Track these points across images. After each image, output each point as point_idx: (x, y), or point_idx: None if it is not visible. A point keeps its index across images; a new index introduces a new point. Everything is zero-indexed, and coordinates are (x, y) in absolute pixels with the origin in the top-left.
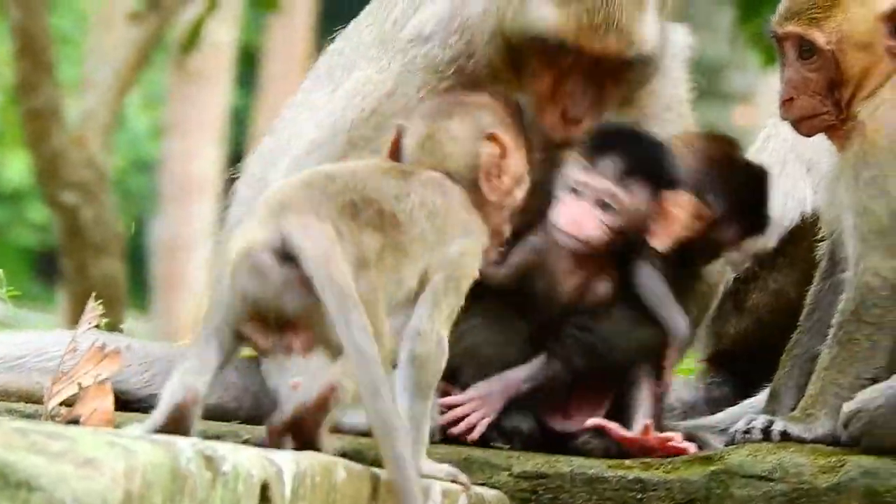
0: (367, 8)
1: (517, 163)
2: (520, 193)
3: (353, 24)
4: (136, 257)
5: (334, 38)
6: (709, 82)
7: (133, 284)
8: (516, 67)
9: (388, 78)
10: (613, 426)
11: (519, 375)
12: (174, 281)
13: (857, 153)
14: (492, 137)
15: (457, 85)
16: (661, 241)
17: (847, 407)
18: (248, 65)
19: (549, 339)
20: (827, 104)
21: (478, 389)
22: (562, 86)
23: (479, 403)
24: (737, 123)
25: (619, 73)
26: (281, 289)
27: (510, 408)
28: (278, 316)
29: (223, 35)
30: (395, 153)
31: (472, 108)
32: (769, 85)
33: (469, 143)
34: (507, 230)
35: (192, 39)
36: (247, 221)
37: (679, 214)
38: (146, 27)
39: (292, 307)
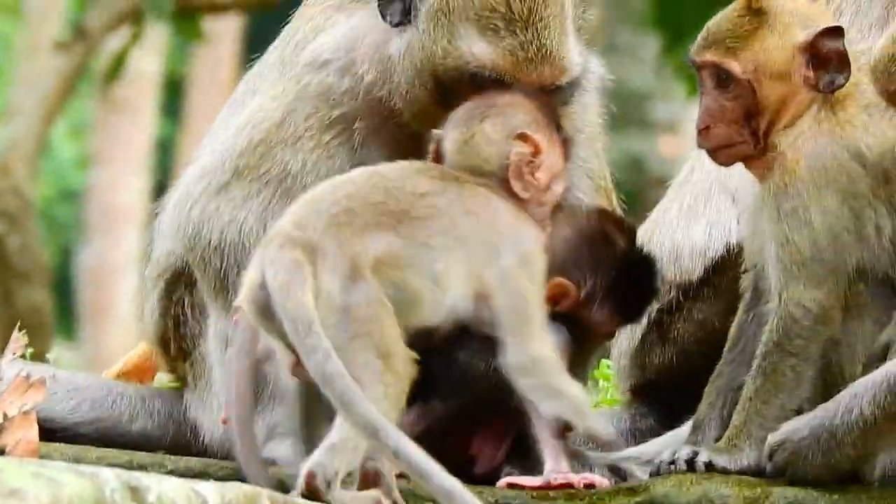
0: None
1: (551, 159)
2: (558, 188)
3: (270, 46)
4: (64, 286)
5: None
6: (634, 111)
7: (61, 313)
8: (444, 103)
9: (279, 106)
10: (524, 481)
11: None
12: (101, 309)
13: (778, 184)
14: (522, 136)
15: (349, 112)
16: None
17: (772, 438)
18: (174, 94)
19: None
20: (744, 134)
21: None
22: None
23: None
24: (662, 153)
25: (548, 97)
26: (276, 322)
27: None
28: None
29: (148, 65)
30: (438, 161)
31: (502, 109)
32: (694, 115)
33: (502, 144)
34: (547, 227)
35: (116, 69)
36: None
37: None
38: (72, 56)
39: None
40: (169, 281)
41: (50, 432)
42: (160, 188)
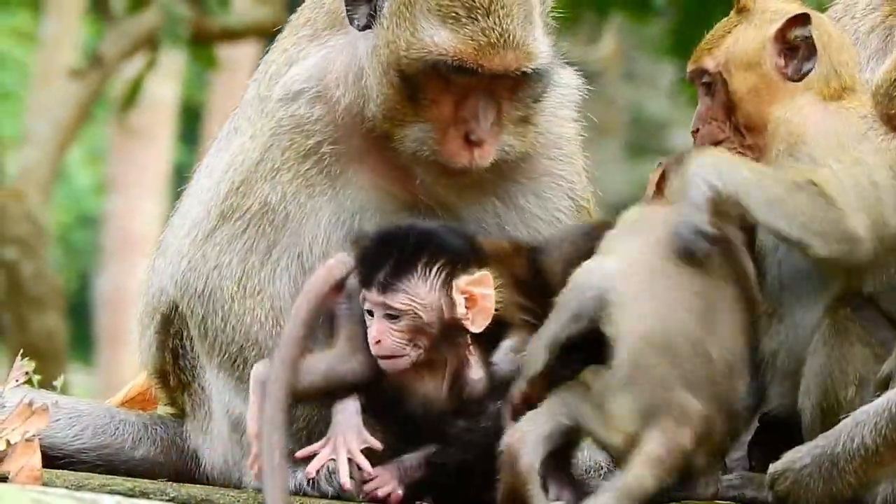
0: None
1: None
2: None
3: (251, 80)
4: (81, 311)
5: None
6: (651, 139)
7: (78, 338)
8: (413, 98)
9: (257, 146)
10: None
11: (414, 460)
12: (117, 335)
13: (785, 144)
14: None
15: (324, 140)
16: (477, 324)
17: (773, 467)
18: (191, 121)
19: (433, 436)
20: (726, 129)
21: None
22: (462, 109)
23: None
24: None
25: (516, 89)
26: None
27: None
28: None
29: (165, 91)
30: (660, 187)
31: None
32: None
33: None
34: None
35: (132, 96)
36: None
37: (483, 293)
38: (88, 83)
39: None
40: (164, 315)
41: (53, 459)
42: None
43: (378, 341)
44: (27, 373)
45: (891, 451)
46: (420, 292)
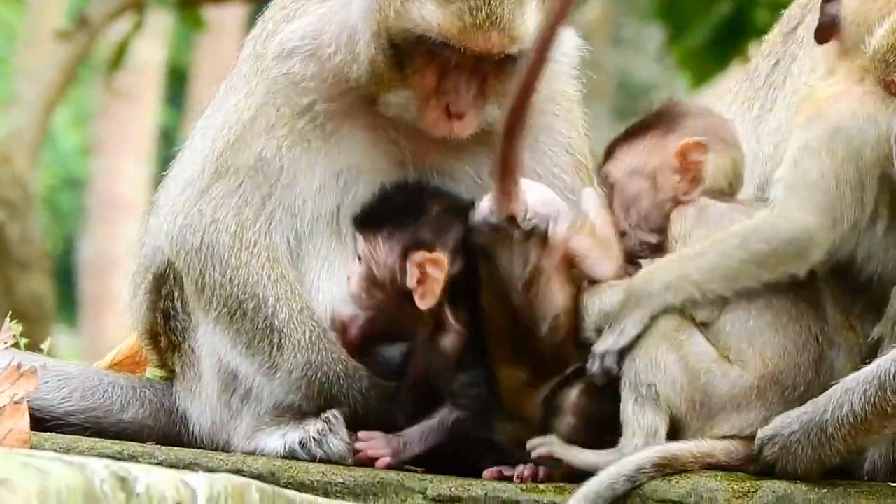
0: None
1: None
2: None
3: (247, 37)
4: (66, 274)
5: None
6: (639, 103)
7: (63, 301)
8: (399, 66)
9: (252, 103)
10: (507, 471)
11: (415, 435)
12: (102, 298)
13: (806, 116)
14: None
15: (318, 98)
16: (424, 301)
17: (762, 432)
18: (177, 83)
19: (439, 397)
20: None
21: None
22: (445, 82)
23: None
24: None
25: (501, 68)
26: None
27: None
28: None
29: (151, 54)
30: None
31: None
32: None
33: None
34: None
35: (118, 58)
36: None
37: (434, 273)
38: (74, 45)
39: None
40: (157, 275)
41: (41, 421)
42: (162, 178)
43: (348, 277)
44: (14, 336)
45: (879, 419)
46: (378, 248)
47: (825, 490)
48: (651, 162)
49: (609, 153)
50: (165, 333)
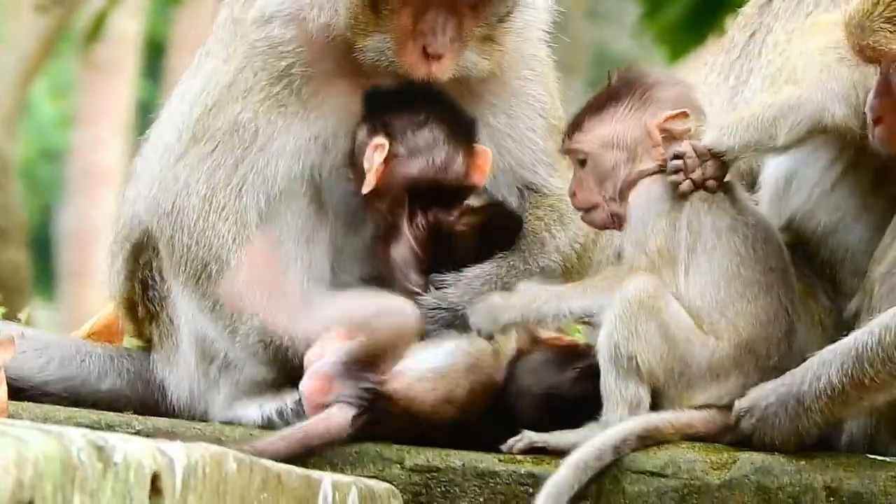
0: None
1: None
2: None
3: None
4: (44, 246)
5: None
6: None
7: (40, 273)
8: (375, 9)
9: (230, 68)
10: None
11: None
12: (81, 270)
13: None
14: None
15: (297, 61)
16: (364, 184)
17: (739, 404)
18: (155, 55)
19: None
20: None
21: None
22: (421, 23)
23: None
24: None
25: (478, 6)
26: None
27: None
28: None
29: (129, 26)
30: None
31: None
32: None
33: None
34: None
35: (96, 30)
36: None
37: (375, 158)
38: (52, 17)
39: None
40: (135, 244)
41: (19, 391)
42: (139, 146)
43: None
44: None
45: (856, 391)
46: (360, 131)
47: (803, 461)
48: (629, 134)
49: (576, 126)
50: (143, 303)
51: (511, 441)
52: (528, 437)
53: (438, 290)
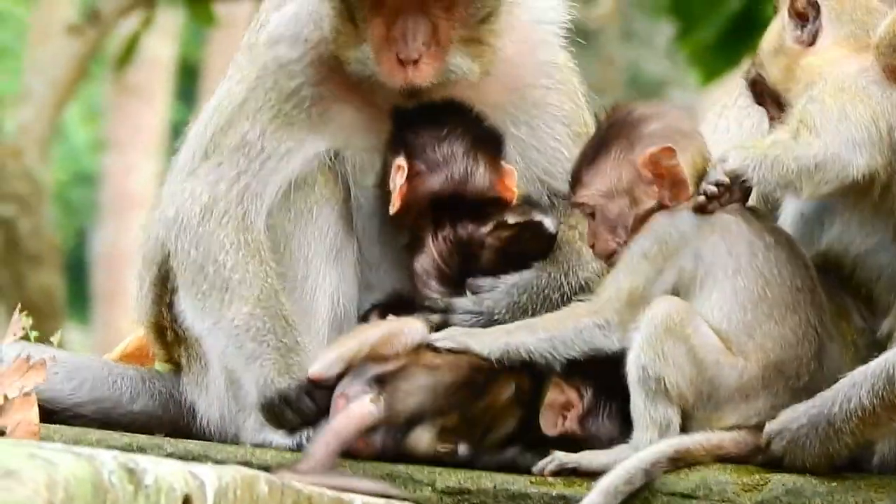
0: None
1: None
2: None
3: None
4: (78, 269)
5: None
6: (650, 98)
7: (75, 295)
8: (352, 20)
9: (243, 88)
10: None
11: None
12: (114, 293)
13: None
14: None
15: (304, 81)
16: (392, 205)
17: (770, 426)
18: (189, 79)
19: None
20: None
21: None
22: (393, 30)
23: None
24: None
25: (451, 9)
26: None
27: None
28: None
29: (163, 49)
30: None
31: None
32: (708, 102)
33: None
34: None
35: (127, 54)
36: None
37: (396, 179)
38: (85, 40)
39: None
40: (161, 266)
41: (50, 413)
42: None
43: None
44: (24, 328)
45: (887, 412)
46: (387, 152)
47: (835, 483)
48: (624, 179)
49: (576, 180)
50: (171, 327)
51: (542, 463)
52: (559, 458)
53: (475, 294)
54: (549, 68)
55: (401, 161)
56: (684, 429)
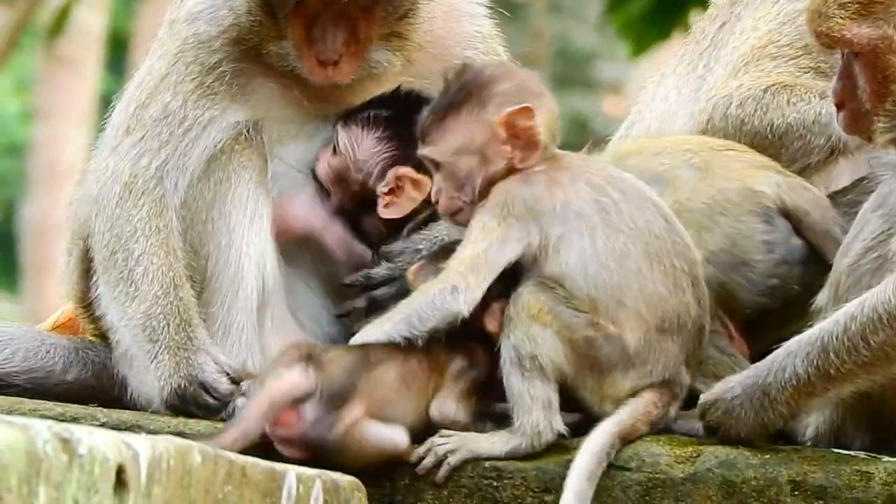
0: None
1: None
2: None
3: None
4: (7, 241)
5: None
6: (578, 71)
7: (3, 267)
8: (272, 16)
9: (164, 63)
10: None
11: None
12: (43, 265)
13: None
14: None
15: (224, 57)
16: (386, 210)
17: (704, 398)
18: (118, 50)
19: None
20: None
21: None
22: (313, 30)
23: None
24: (606, 113)
25: (370, 10)
26: None
27: None
28: None
29: (93, 20)
30: None
31: None
32: (637, 75)
33: None
34: None
35: (59, 24)
36: None
37: (411, 192)
38: (15, 11)
39: None
40: (86, 241)
41: None
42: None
43: (316, 159)
44: None
45: (822, 381)
46: (363, 146)
47: (768, 455)
48: (476, 138)
49: (425, 136)
50: (97, 302)
51: (419, 452)
52: (436, 448)
53: (389, 262)
54: (473, 39)
55: (424, 178)
56: (576, 406)
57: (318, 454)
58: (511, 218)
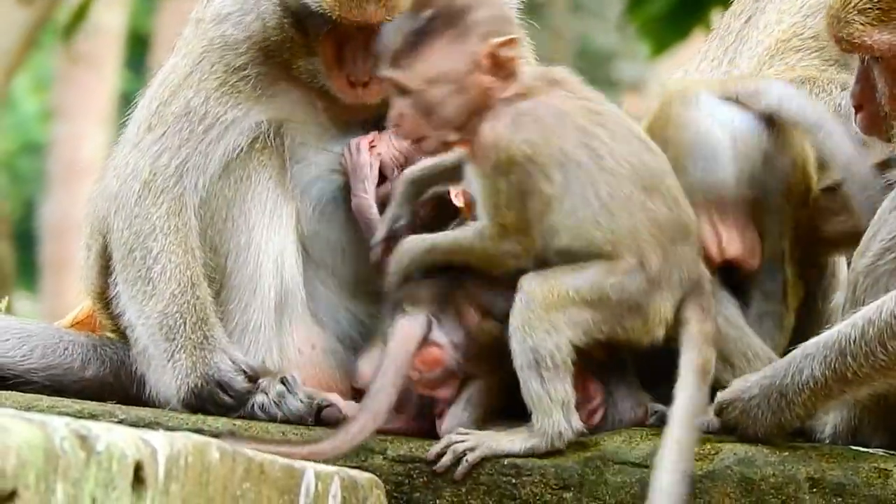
0: None
1: None
2: None
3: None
4: (27, 238)
5: None
6: (599, 70)
7: (23, 265)
8: (304, 33)
9: (189, 62)
10: None
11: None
12: (62, 263)
13: None
14: None
15: (250, 61)
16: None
17: (721, 396)
18: (138, 49)
19: None
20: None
21: None
22: (344, 51)
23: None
24: (626, 111)
25: None
26: None
27: None
28: None
29: (112, 19)
30: None
31: None
32: (658, 74)
33: None
34: None
35: (76, 23)
36: None
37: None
38: (35, 9)
39: None
40: (106, 237)
41: (2, 380)
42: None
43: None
44: None
45: (839, 384)
46: None
47: (786, 453)
48: (455, 68)
49: (396, 60)
50: (115, 298)
51: (435, 450)
52: (454, 445)
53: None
54: None
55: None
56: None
57: (474, 368)
58: (513, 175)
